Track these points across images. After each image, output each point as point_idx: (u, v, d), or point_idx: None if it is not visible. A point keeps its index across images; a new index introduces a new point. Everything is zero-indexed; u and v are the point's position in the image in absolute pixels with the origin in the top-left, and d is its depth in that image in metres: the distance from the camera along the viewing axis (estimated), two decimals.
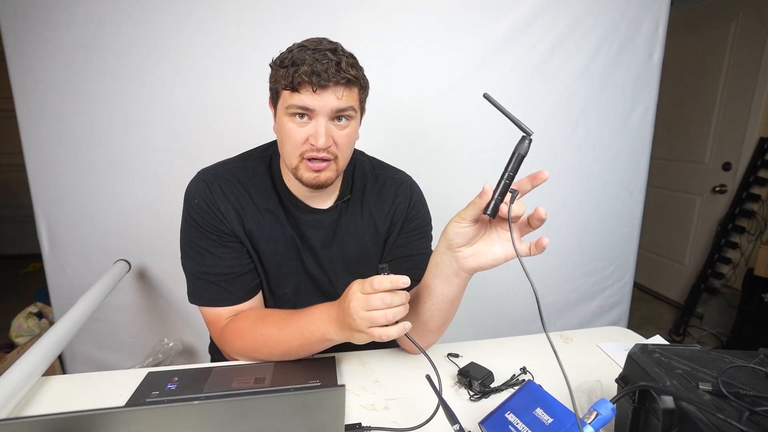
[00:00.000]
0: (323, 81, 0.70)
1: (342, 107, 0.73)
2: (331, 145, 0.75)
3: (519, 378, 0.79)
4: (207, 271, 0.81)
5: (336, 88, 0.72)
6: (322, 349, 0.76)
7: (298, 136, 0.74)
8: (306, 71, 0.69)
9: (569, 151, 1.64)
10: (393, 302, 0.62)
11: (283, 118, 0.75)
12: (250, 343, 0.79)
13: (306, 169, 0.76)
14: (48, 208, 1.45)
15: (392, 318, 0.62)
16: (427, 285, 0.75)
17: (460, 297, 0.75)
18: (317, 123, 0.73)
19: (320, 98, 0.71)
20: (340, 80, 0.71)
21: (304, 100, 0.72)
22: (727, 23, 2.45)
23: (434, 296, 0.74)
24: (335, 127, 0.75)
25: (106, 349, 1.60)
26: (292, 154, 0.76)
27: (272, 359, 0.81)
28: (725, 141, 2.53)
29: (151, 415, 0.50)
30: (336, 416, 0.56)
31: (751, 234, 2.40)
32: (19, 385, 0.72)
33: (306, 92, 0.71)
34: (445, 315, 0.77)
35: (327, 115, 0.73)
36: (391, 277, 0.62)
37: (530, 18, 1.48)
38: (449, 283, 0.71)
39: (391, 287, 0.62)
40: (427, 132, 1.53)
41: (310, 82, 0.70)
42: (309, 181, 0.77)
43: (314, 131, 0.73)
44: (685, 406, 0.50)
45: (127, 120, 1.40)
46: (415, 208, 0.93)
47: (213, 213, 0.81)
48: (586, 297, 1.81)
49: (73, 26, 1.32)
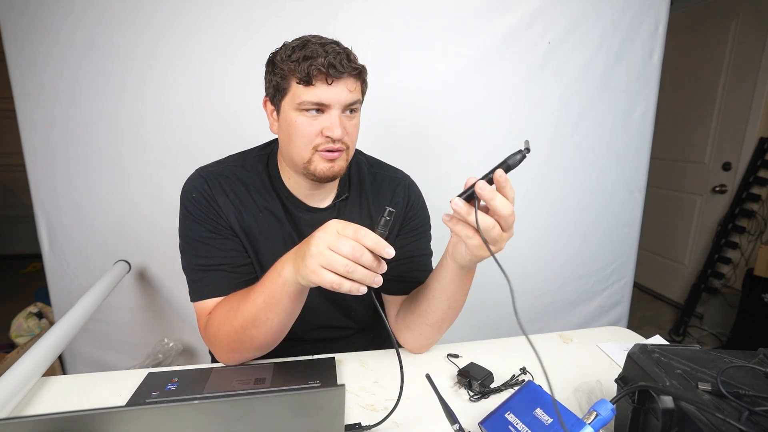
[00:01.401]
0: (338, 72, 0.71)
1: (353, 100, 0.75)
2: (345, 135, 0.76)
3: (519, 378, 0.79)
4: (203, 263, 0.80)
5: (348, 80, 0.73)
6: (290, 300, 0.67)
7: (312, 129, 0.74)
8: (322, 63, 0.70)
9: (569, 151, 1.64)
10: (362, 259, 0.56)
11: (291, 114, 0.75)
12: (225, 323, 0.73)
13: (320, 161, 0.76)
14: (48, 208, 1.45)
15: (351, 272, 0.56)
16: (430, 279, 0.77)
17: (458, 294, 0.75)
18: (331, 115, 0.74)
19: (334, 90, 0.72)
20: (352, 71, 0.73)
21: (318, 94, 0.72)
22: (727, 23, 2.45)
23: (430, 286, 0.76)
24: (346, 118, 0.76)
25: (106, 349, 1.60)
26: (305, 148, 0.76)
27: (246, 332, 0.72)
28: (725, 141, 2.53)
29: (151, 415, 0.50)
30: (336, 416, 0.56)
31: (751, 234, 2.40)
32: (19, 385, 0.72)
33: (321, 84, 0.72)
34: (443, 310, 0.77)
35: (340, 108, 0.74)
36: (377, 238, 0.57)
37: (530, 18, 1.48)
38: (442, 268, 0.73)
39: (372, 247, 0.56)
40: (427, 132, 1.53)
41: (326, 74, 0.71)
42: (323, 172, 0.77)
43: (329, 123, 0.74)
44: (684, 406, 0.50)
45: (128, 120, 1.40)
46: (414, 207, 0.92)
47: (211, 207, 0.81)
48: (586, 297, 1.81)
49: (73, 26, 1.32)
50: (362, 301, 0.93)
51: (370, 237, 0.56)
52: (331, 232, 0.57)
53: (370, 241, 0.56)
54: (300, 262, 0.60)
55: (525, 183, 1.60)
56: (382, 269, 0.59)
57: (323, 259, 0.56)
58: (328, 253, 0.56)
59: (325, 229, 0.58)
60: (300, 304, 0.71)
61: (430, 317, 0.79)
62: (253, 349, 0.76)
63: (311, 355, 0.86)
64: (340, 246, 0.56)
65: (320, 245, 0.57)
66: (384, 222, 0.59)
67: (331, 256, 0.56)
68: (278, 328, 0.72)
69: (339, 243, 0.56)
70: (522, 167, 0.59)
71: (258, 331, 0.71)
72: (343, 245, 0.56)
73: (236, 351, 0.77)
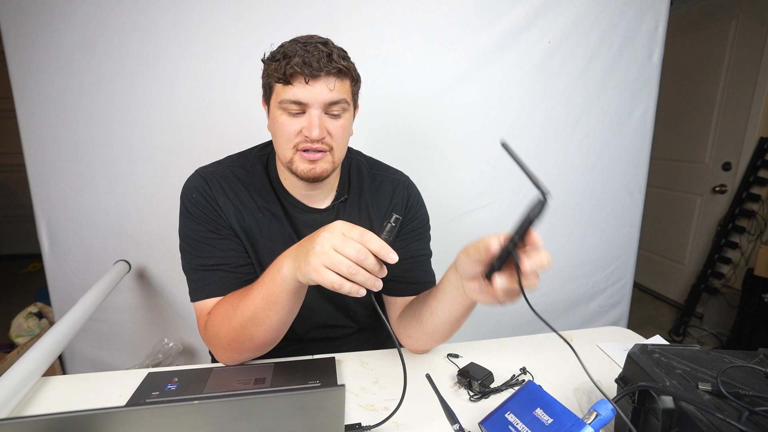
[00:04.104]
0: (315, 71, 0.70)
1: (335, 99, 0.73)
2: (326, 136, 0.75)
3: (519, 378, 0.79)
4: (203, 263, 0.80)
5: (328, 79, 0.72)
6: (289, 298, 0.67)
7: (292, 128, 0.74)
8: (297, 62, 0.70)
9: (569, 151, 1.64)
10: (366, 262, 0.56)
11: (276, 112, 0.75)
12: (224, 322, 0.73)
13: (301, 161, 0.76)
14: (48, 208, 1.45)
15: (353, 274, 0.56)
16: (435, 298, 0.74)
17: (466, 317, 0.74)
18: (311, 115, 0.73)
19: (313, 90, 0.71)
20: (331, 70, 0.71)
21: (296, 93, 0.72)
22: (727, 23, 2.45)
23: (441, 311, 0.73)
24: (329, 119, 0.75)
25: (106, 349, 1.60)
26: (286, 146, 0.76)
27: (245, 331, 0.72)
28: (725, 141, 2.52)
29: (151, 415, 0.50)
30: (336, 416, 0.56)
31: (751, 234, 2.40)
32: (19, 385, 0.72)
33: (299, 84, 0.71)
34: (450, 329, 0.77)
35: (320, 107, 0.73)
36: (382, 243, 0.57)
37: (530, 18, 1.48)
38: (455, 303, 0.70)
39: (376, 251, 0.56)
40: (426, 132, 1.53)
41: (302, 73, 0.70)
42: (304, 173, 0.76)
43: (308, 123, 0.73)
44: (684, 406, 0.50)
45: (128, 120, 1.40)
46: (413, 208, 0.92)
47: (211, 206, 0.81)
48: (586, 297, 1.81)
49: (73, 26, 1.32)
50: (361, 303, 0.93)
51: (375, 241, 0.56)
52: (337, 233, 0.57)
53: (375, 245, 0.56)
54: (302, 259, 0.60)
55: (525, 183, 1.60)
56: (382, 273, 0.59)
57: (327, 258, 0.56)
58: (333, 253, 0.56)
59: (330, 229, 0.58)
60: (299, 302, 0.71)
61: (437, 335, 0.79)
62: (252, 348, 0.76)
63: (311, 354, 0.86)
64: (345, 247, 0.56)
65: (325, 245, 0.57)
66: (390, 228, 0.59)
67: (335, 257, 0.56)
68: (277, 326, 0.72)
69: (344, 244, 0.56)
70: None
71: (257, 330, 0.71)
72: (348, 247, 0.56)
73: (236, 350, 0.77)
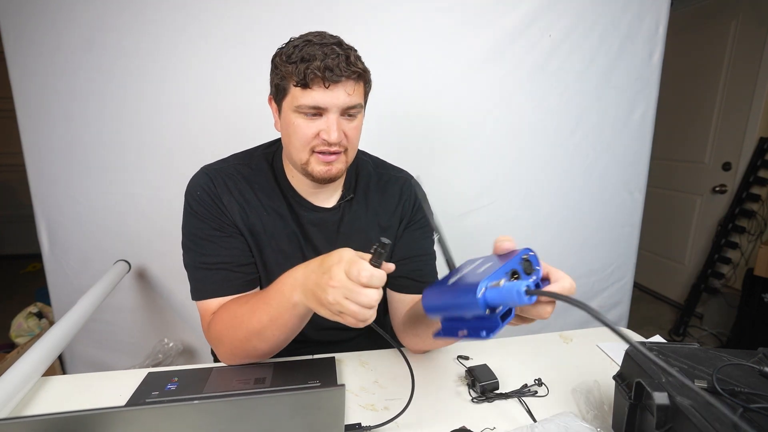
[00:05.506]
0: (335, 76, 0.70)
1: (353, 104, 0.74)
2: (343, 138, 0.75)
3: (531, 389, 0.76)
4: (206, 261, 0.80)
5: (347, 83, 0.72)
6: (297, 321, 0.69)
7: (308, 131, 0.74)
8: (318, 66, 0.69)
9: (569, 150, 1.63)
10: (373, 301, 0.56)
11: (290, 115, 0.75)
12: (229, 331, 0.75)
13: (317, 163, 0.76)
14: (48, 208, 1.45)
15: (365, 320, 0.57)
16: None
17: None
18: (329, 119, 0.73)
19: (332, 94, 0.71)
20: (351, 75, 0.71)
21: (315, 98, 0.71)
22: (727, 23, 2.45)
23: None
24: (344, 121, 0.75)
25: (106, 349, 1.60)
26: (302, 149, 0.76)
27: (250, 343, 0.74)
28: (725, 141, 2.53)
29: (151, 415, 0.50)
30: (336, 416, 0.57)
31: (751, 234, 2.40)
32: (19, 385, 0.73)
33: (318, 88, 0.71)
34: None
35: (338, 111, 0.73)
36: (383, 275, 0.56)
37: (530, 18, 1.48)
38: None
39: (380, 285, 0.56)
40: (429, 132, 1.53)
41: (323, 78, 0.70)
42: (320, 174, 0.77)
43: (326, 126, 0.73)
44: (679, 402, 0.50)
45: (128, 120, 1.40)
46: (421, 206, 0.92)
47: (215, 204, 0.81)
48: (586, 297, 1.81)
49: (73, 26, 1.32)
50: None
51: (377, 277, 0.55)
52: (341, 280, 0.56)
53: (378, 282, 0.56)
54: (311, 299, 0.60)
55: (525, 183, 1.60)
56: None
57: (340, 307, 0.56)
58: (345, 302, 0.56)
59: (338, 277, 0.56)
60: (307, 320, 0.71)
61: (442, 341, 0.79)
62: (256, 357, 0.79)
63: (313, 354, 0.86)
64: (357, 297, 0.55)
65: (337, 296, 0.56)
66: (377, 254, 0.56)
67: (348, 306, 0.56)
68: (283, 342, 0.74)
69: (356, 295, 0.55)
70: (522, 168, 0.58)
71: (262, 344, 0.73)
72: (360, 297, 0.55)
73: (239, 357, 0.79)
